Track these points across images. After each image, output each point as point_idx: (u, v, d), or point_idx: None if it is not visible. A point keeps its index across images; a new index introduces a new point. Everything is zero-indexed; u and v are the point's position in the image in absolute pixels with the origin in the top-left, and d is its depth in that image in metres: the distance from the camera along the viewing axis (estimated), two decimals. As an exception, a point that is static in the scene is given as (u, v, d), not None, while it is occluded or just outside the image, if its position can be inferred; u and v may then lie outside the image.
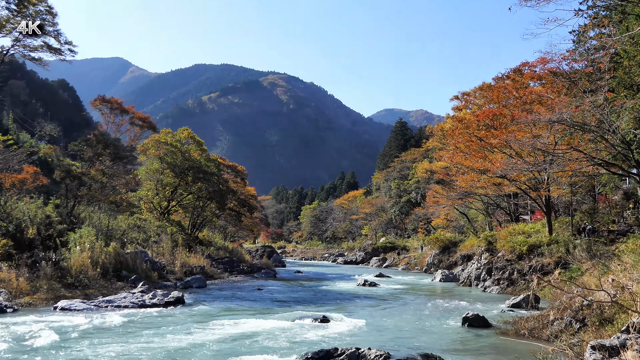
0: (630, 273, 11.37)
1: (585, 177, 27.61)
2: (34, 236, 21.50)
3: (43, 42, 24.56)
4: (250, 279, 33.24)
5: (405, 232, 77.26)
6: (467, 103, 40.83)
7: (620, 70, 21.61)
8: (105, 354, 10.23)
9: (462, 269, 32.94)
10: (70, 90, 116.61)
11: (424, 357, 10.11)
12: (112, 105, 41.87)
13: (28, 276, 18.24)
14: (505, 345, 12.05)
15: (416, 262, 48.50)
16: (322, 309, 17.83)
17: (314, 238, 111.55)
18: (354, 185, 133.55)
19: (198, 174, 37.71)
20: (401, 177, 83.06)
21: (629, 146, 18.47)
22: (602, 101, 18.36)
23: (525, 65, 28.88)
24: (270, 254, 57.46)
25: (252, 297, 22.31)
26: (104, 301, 17.15)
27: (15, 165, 29.43)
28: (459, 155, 32.81)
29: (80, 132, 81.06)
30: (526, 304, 17.74)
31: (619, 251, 17.51)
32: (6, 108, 75.66)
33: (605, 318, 10.47)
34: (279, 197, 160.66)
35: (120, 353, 10.31)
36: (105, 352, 10.39)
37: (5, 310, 14.86)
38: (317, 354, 10.20)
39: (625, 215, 30.09)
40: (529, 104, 26.37)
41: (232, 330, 13.31)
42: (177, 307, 17.58)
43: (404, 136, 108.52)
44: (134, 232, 29.58)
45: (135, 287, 20.52)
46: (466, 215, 45.35)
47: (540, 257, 24.59)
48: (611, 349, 5.86)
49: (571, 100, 20.65)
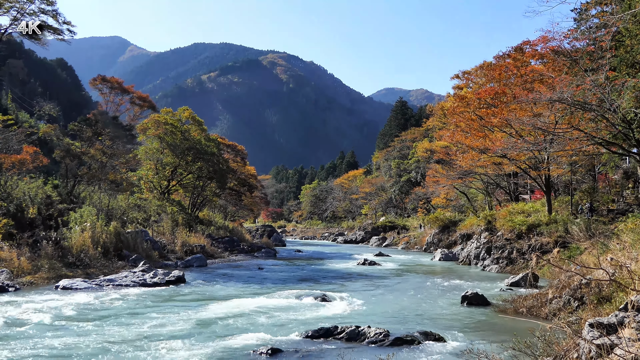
0: (629, 252, 11.41)
1: (586, 157, 27.61)
2: (34, 216, 21.54)
3: (42, 22, 24.38)
4: (250, 258, 33.40)
5: (405, 211, 77.43)
6: (468, 82, 40.60)
7: (622, 49, 21.48)
8: (107, 332, 10.31)
9: (462, 248, 33.06)
10: (69, 70, 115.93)
11: (423, 335, 10.19)
12: (112, 85, 41.78)
13: (29, 255, 18.32)
14: (504, 323, 12.15)
15: (416, 241, 48.67)
16: (322, 288, 17.93)
17: (314, 217, 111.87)
18: (354, 164, 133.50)
19: (198, 153, 37.67)
20: (401, 157, 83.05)
21: (630, 125, 18.44)
22: (604, 80, 18.28)
23: (526, 43, 28.68)
24: (271, 234, 57.63)
25: (253, 276, 22.44)
26: (105, 280, 17.24)
27: (15, 145, 29.42)
28: (459, 134, 32.76)
29: (80, 112, 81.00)
30: (525, 283, 17.82)
31: (618, 230, 17.54)
32: (5, 87, 75.39)
33: (603, 296, 10.54)
34: (279, 177, 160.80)
35: (121, 331, 10.39)
36: (107, 330, 10.48)
37: (7, 289, 14.94)
38: (317, 332, 10.29)
39: (625, 194, 30.15)
40: (530, 83, 26.24)
41: (232, 308, 13.40)
42: (178, 286, 17.68)
43: (404, 115, 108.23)
44: (135, 212, 29.63)
45: (136, 267, 20.63)
46: (466, 194, 45.40)
47: (539, 237, 24.67)
48: (609, 327, 5.91)
49: (572, 79, 20.56)
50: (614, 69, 21.32)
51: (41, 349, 8.83)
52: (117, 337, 9.86)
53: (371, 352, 9.02)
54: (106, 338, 9.78)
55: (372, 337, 9.95)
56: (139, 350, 8.92)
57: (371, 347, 9.58)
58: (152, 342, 9.49)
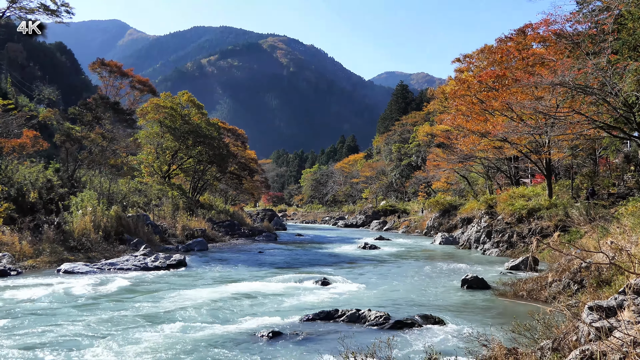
0: (629, 235, 11.43)
1: (587, 140, 27.56)
2: (35, 200, 21.58)
3: (40, 4, 24.22)
4: (251, 242, 33.49)
5: (405, 195, 77.49)
6: (470, 65, 40.39)
7: (624, 32, 21.31)
8: (108, 315, 10.37)
9: (462, 232, 33.12)
10: (68, 54, 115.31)
11: (423, 318, 10.25)
12: (112, 69, 41.55)
13: (31, 239, 18.38)
14: (504, 306, 12.20)
15: (416, 225, 48.75)
16: (322, 271, 18.00)
17: (314, 201, 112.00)
18: (355, 148, 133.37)
19: (198, 137, 37.62)
20: (402, 141, 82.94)
21: (631, 109, 18.37)
22: (605, 63, 18.17)
23: (528, 27, 28.53)
24: (271, 218, 57.70)
25: (253, 259, 22.51)
26: (106, 264, 17.31)
27: (15, 129, 29.38)
28: (460, 117, 32.68)
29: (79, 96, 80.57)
30: (525, 266, 17.88)
31: (619, 214, 17.54)
32: (4, 71, 75.13)
33: (603, 280, 10.57)
34: (279, 161, 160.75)
35: (123, 314, 10.45)
36: (108, 313, 10.54)
37: (9, 273, 15.02)
38: (317, 315, 10.34)
39: (626, 178, 30.14)
40: (532, 66, 26.12)
41: (233, 292, 13.46)
42: (179, 270, 17.75)
43: (405, 99, 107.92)
44: (135, 196, 29.68)
45: (137, 250, 20.70)
46: (466, 178, 45.41)
47: (539, 220, 24.70)
48: (608, 310, 5.93)
49: (574, 62, 20.43)
50: (616, 52, 21.17)
51: (44, 332, 8.89)
52: (118, 320, 9.92)
53: (372, 335, 9.07)
54: (107, 320, 9.84)
55: (373, 320, 10.00)
56: (139, 332, 8.97)
57: (371, 330, 9.63)
58: (152, 325, 9.54)
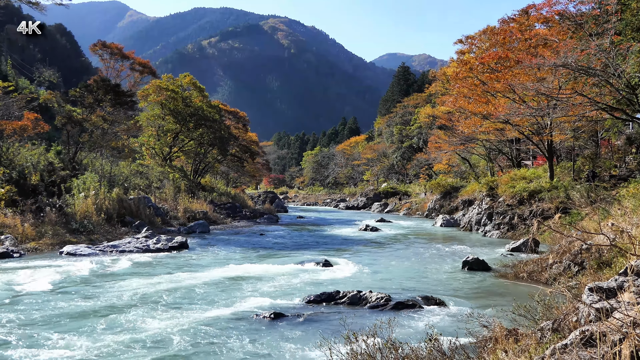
0: (630, 217, 11.44)
1: (589, 122, 27.38)
2: (37, 182, 21.62)
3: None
4: (252, 224, 33.58)
5: (407, 177, 77.48)
6: (472, 47, 40.08)
7: (627, 12, 21.14)
8: (110, 296, 10.43)
9: (463, 214, 33.16)
10: (68, 35, 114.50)
11: (425, 299, 10.31)
12: (112, 51, 41.41)
13: (33, 222, 18.44)
14: (505, 287, 12.26)
15: (417, 207, 48.82)
16: (324, 254, 18.06)
17: (315, 184, 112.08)
18: (356, 130, 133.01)
19: (200, 120, 37.54)
20: (403, 123, 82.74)
21: (634, 90, 18.27)
22: (608, 44, 18.04)
23: (531, 7, 28.31)
24: (273, 200, 57.79)
25: (255, 242, 22.58)
26: (108, 246, 17.38)
27: (16, 111, 29.29)
28: (462, 99, 32.51)
29: (80, 78, 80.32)
30: (526, 248, 17.93)
31: (620, 196, 17.55)
32: (4, 54, 74.74)
33: (603, 261, 10.60)
34: (280, 143, 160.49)
35: (125, 295, 10.51)
36: (110, 294, 10.60)
37: (12, 255, 15.09)
38: (319, 296, 10.40)
39: (628, 160, 30.05)
40: (534, 47, 25.94)
41: (234, 274, 13.53)
42: (181, 252, 17.83)
43: (406, 81, 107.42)
44: (137, 178, 29.71)
45: (139, 233, 20.78)
46: (468, 160, 45.34)
47: (540, 202, 24.70)
48: (608, 291, 5.95)
49: (577, 43, 20.28)
50: (619, 33, 21.01)
51: (48, 313, 8.95)
52: (120, 301, 9.98)
53: (373, 316, 9.13)
54: (110, 302, 9.90)
55: (374, 302, 10.06)
56: (139, 313, 9.03)
57: (373, 311, 9.69)
58: (153, 306, 9.60)
